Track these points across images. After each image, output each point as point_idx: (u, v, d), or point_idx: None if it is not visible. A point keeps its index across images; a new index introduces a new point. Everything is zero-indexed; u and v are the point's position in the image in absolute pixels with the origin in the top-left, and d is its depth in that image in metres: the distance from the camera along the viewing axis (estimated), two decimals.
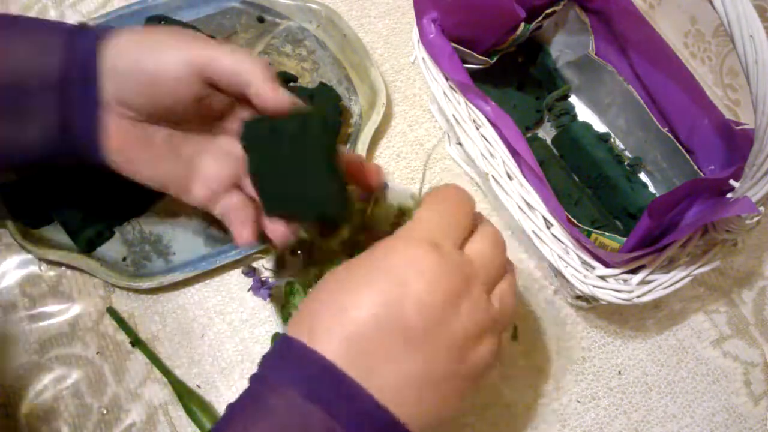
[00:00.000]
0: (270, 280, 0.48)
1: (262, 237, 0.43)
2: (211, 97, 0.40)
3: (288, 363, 0.30)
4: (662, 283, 0.43)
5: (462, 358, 0.31)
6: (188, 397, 0.47)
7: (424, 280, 0.30)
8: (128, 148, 0.40)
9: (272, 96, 0.38)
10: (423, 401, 0.30)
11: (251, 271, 0.50)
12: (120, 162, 0.41)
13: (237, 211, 0.43)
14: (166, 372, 0.48)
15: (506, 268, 0.35)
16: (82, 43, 0.38)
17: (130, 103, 0.39)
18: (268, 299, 0.48)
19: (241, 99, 0.41)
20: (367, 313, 0.30)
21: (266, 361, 0.32)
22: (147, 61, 0.38)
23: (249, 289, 0.48)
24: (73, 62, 0.38)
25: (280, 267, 0.47)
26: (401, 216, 0.40)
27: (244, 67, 0.38)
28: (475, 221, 0.35)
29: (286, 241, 0.41)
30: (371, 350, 0.29)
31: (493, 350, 0.32)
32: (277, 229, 0.41)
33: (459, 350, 0.31)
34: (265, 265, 0.51)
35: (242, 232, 0.42)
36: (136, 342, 0.49)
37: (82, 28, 0.40)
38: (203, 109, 0.40)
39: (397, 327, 0.30)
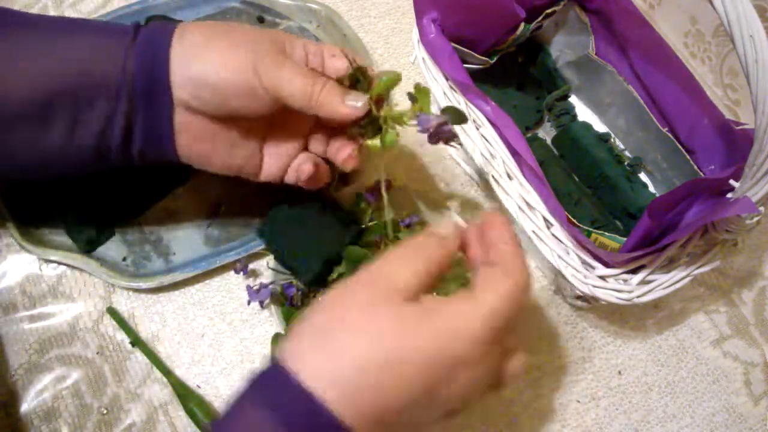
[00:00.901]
0: (264, 283, 0.48)
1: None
2: (280, 106, 0.40)
3: (280, 397, 0.29)
4: (662, 283, 0.43)
5: (448, 411, 0.31)
6: (188, 397, 0.47)
7: (466, 386, 0.30)
8: (200, 143, 0.41)
9: (346, 112, 0.39)
10: None
11: (244, 269, 0.50)
12: (193, 157, 0.42)
13: (307, 165, 0.44)
14: (166, 372, 0.48)
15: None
16: (148, 41, 0.39)
17: (201, 106, 0.39)
18: (267, 300, 0.48)
19: None
20: (398, 390, 0.29)
21: (257, 388, 0.31)
22: (219, 75, 0.38)
23: (248, 302, 0.48)
24: (139, 71, 0.38)
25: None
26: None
27: (312, 97, 0.38)
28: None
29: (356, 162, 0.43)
30: (367, 398, 0.28)
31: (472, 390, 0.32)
32: (344, 151, 0.42)
33: (451, 415, 0.32)
34: (269, 264, 0.51)
35: (344, 152, 0.43)
36: (136, 342, 0.49)
37: (139, 28, 0.40)
38: (274, 111, 0.41)
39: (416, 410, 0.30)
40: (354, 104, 0.39)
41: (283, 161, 0.44)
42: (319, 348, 0.29)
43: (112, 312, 0.50)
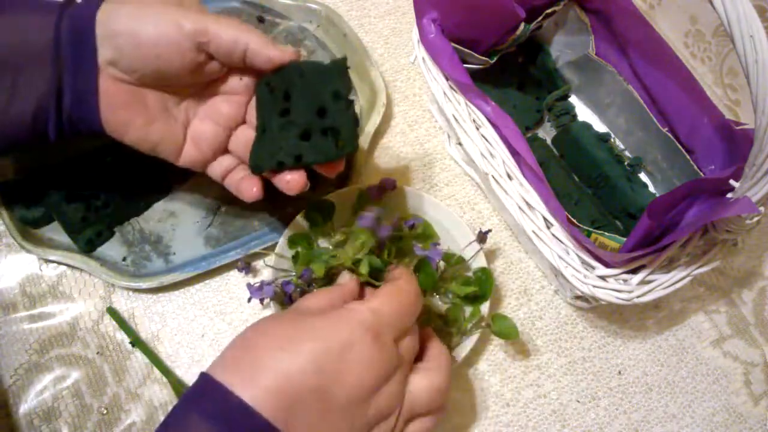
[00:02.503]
0: (266, 281, 0.48)
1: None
2: (205, 64, 0.41)
3: (208, 404, 0.31)
4: (662, 283, 0.43)
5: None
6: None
7: (361, 366, 0.33)
8: (121, 110, 0.41)
9: (277, 52, 0.40)
10: None
11: (246, 267, 0.50)
12: (112, 124, 0.41)
13: (235, 172, 0.45)
14: (166, 372, 0.48)
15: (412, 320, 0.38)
16: (77, 10, 0.39)
17: (125, 67, 0.40)
18: (268, 299, 0.48)
19: (234, 66, 0.42)
20: (303, 373, 0.32)
21: (187, 401, 0.32)
22: (145, 28, 0.38)
23: (249, 299, 0.48)
24: (68, 27, 0.39)
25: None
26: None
27: (242, 36, 0.39)
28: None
29: (304, 188, 0.42)
30: (294, 408, 0.31)
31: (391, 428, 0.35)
32: (294, 179, 0.42)
33: (368, 426, 0.34)
34: (266, 262, 0.51)
35: (250, 188, 0.44)
36: (136, 342, 0.49)
37: (72, 1, 0.40)
38: (197, 74, 0.41)
39: (324, 397, 0.32)
40: (283, 47, 0.40)
41: (204, 151, 0.44)
42: (243, 367, 0.32)
43: (112, 312, 0.50)
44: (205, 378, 0.32)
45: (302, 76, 0.40)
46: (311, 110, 0.40)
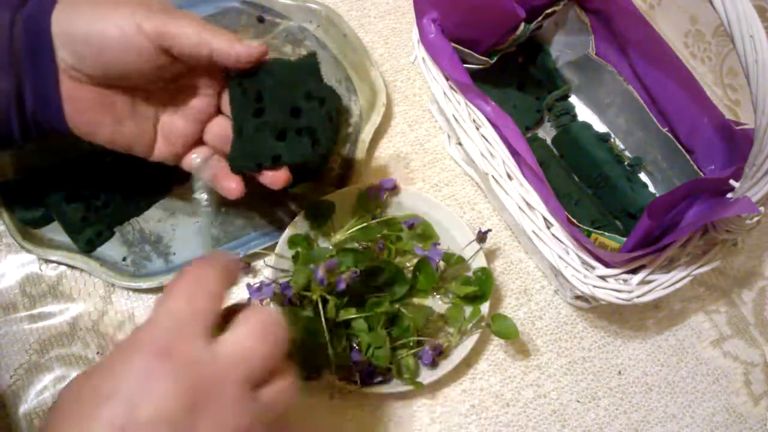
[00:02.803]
0: (265, 282, 0.48)
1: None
2: (170, 65, 0.39)
3: None
4: (662, 283, 0.43)
5: None
6: None
7: (154, 396, 0.26)
8: (87, 111, 0.40)
9: (243, 49, 0.38)
10: None
11: (246, 267, 0.50)
12: (80, 126, 0.40)
13: (213, 165, 0.44)
14: None
15: (278, 359, 0.30)
16: (30, 10, 0.37)
17: (88, 71, 0.38)
18: (267, 300, 0.48)
19: (201, 66, 0.41)
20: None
21: None
22: (105, 33, 0.37)
23: (248, 299, 0.48)
24: (22, 30, 0.37)
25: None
26: None
27: (205, 37, 0.37)
28: (236, 306, 0.32)
29: (287, 182, 0.41)
30: None
31: None
32: (276, 175, 0.41)
33: None
34: (266, 262, 0.51)
35: (230, 184, 0.43)
36: None
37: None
38: (162, 75, 0.40)
39: None
40: (249, 43, 0.38)
41: (175, 145, 0.43)
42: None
43: None
44: None
45: (273, 75, 0.40)
46: (284, 111, 0.40)
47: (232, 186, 0.43)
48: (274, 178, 0.41)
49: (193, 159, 0.44)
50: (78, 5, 0.38)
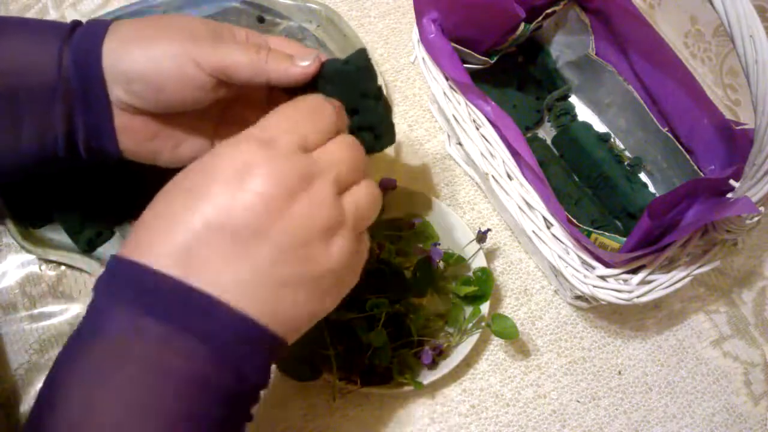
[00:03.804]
0: None
1: None
2: (226, 91, 0.39)
3: (120, 282, 0.29)
4: (662, 283, 0.43)
5: (307, 257, 0.30)
6: None
7: (253, 179, 0.29)
8: (144, 142, 0.40)
9: (299, 70, 0.38)
10: (277, 301, 0.30)
11: None
12: (138, 155, 0.40)
13: None
14: None
15: (364, 173, 0.34)
16: (79, 44, 0.37)
17: (144, 107, 0.38)
18: None
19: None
20: (196, 221, 0.29)
21: (98, 285, 0.30)
22: (162, 72, 0.36)
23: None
24: (71, 64, 0.37)
25: None
26: None
27: (261, 67, 0.37)
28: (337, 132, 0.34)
29: None
30: (205, 257, 0.29)
31: (346, 251, 0.31)
32: None
33: (302, 248, 0.30)
34: None
35: None
36: None
37: (76, 26, 0.39)
38: (218, 99, 0.39)
39: (228, 231, 0.29)
40: (303, 63, 0.37)
41: None
42: (153, 234, 0.30)
43: None
44: (116, 260, 0.30)
45: (328, 81, 0.40)
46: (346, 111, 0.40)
47: None
48: None
49: None
50: (128, 41, 0.37)
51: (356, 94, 0.40)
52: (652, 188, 0.55)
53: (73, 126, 0.39)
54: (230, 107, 0.43)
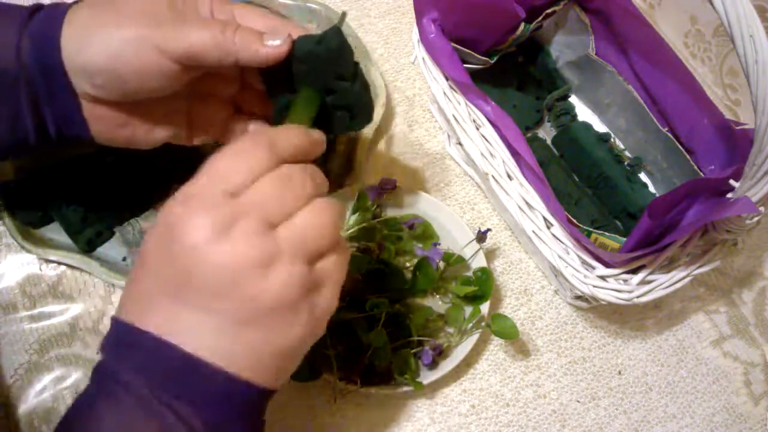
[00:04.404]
0: None
1: None
2: (194, 74, 0.38)
3: (121, 347, 0.30)
4: (662, 283, 0.43)
5: (241, 296, 0.29)
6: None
7: (173, 237, 0.29)
8: (116, 129, 0.39)
9: (269, 50, 0.36)
10: (229, 343, 0.29)
11: None
12: (113, 141, 0.40)
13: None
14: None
15: (305, 201, 0.31)
16: (37, 30, 0.36)
17: (110, 97, 0.37)
18: None
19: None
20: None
21: (105, 347, 0.31)
22: (126, 63, 0.35)
23: None
24: (31, 54, 0.35)
25: None
26: None
27: (226, 47, 0.35)
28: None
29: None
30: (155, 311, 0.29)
31: (288, 281, 0.29)
32: None
33: (232, 287, 0.29)
34: None
35: None
36: None
37: (36, 10, 0.37)
38: (187, 82, 0.38)
39: (163, 289, 0.29)
40: (273, 42, 0.36)
41: (217, 124, 0.43)
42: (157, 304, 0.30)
43: None
44: (116, 324, 0.30)
45: (301, 62, 0.38)
46: (320, 91, 0.40)
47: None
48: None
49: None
50: (86, 28, 0.35)
51: (330, 74, 0.39)
52: (652, 188, 0.55)
53: (41, 114, 0.38)
54: (202, 81, 0.41)
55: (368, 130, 0.55)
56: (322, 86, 0.39)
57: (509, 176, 0.45)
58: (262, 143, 0.31)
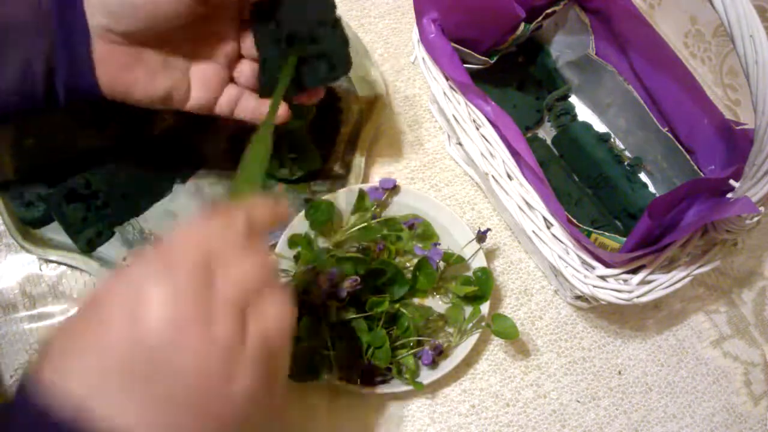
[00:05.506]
0: None
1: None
2: (203, 14, 0.40)
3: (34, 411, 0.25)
4: (662, 283, 0.43)
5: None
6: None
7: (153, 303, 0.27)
8: (122, 72, 0.40)
9: None
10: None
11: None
12: (115, 87, 0.40)
13: (244, 100, 0.45)
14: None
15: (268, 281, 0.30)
16: None
17: (122, 30, 0.39)
18: None
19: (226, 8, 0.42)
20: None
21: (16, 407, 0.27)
22: None
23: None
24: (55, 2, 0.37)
25: None
26: None
27: None
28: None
29: (287, 118, 0.44)
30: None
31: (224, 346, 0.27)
32: (303, 97, 0.44)
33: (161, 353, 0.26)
34: None
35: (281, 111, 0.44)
36: None
37: None
38: (192, 21, 0.40)
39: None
40: None
41: (211, 89, 0.44)
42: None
43: None
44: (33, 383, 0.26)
45: (289, 6, 0.42)
46: (302, 40, 0.42)
47: (279, 112, 0.43)
48: (304, 99, 0.45)
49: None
50: None
51: (313, 20, 0.42)
52: (652, 188, 0.55)
53: (53, 59, 0.38)
54: (201, 44, 0.43)
55: (368, 130, 0.55)
56: (305, 34, 0.42)
57: (509, 176, 0.45)
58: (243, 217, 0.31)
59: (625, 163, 0.55)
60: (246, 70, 0.45)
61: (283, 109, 0.44)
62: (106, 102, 0.41)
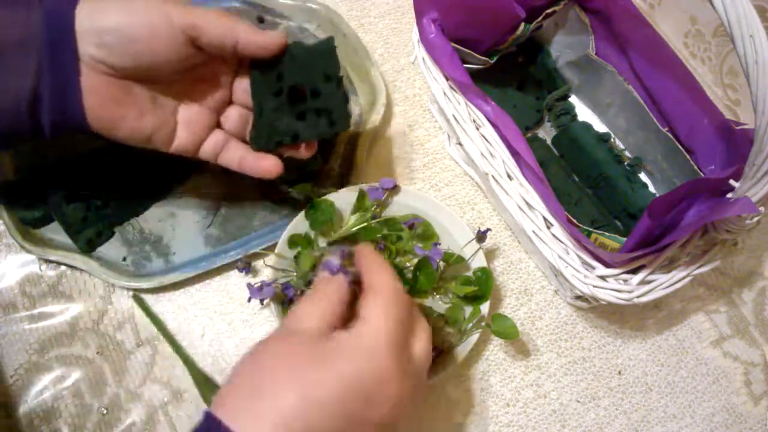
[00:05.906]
0: (266, 281, 0.48)
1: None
2: (196, 57, 0.40)
3: None
4: (662, 283, 0.43)
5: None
6: (206, 386, 0.47)
7: (390, 401, 0.32)
8: (110, 105, 0.40)
9: (267, 39, 0.40)
10: None
11: (246, 267, 0.50)
12: (102, 121, 0.40)
13: (229, 149, 0.45)
14: (185, 360, 0.49)
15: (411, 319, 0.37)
16: (52, 6, 0.37)
17: (113, 63, 0.38)
18: (268, 300, 0.48)
19: (226, 56, 0.42)
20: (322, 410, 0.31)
21: None
22: (136, 23, 0.38)
23: (249, 299, 0.48)
24: (42, 25, 0.37)
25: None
26: None
27: (230, 28, 0.39)
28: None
29: (279, 172, 0.44)
30: None
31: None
32: (297, 150, 0.45)
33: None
34: (266, 262, 0.51)
35: (266, 163, 0.44)
36: (161, 330, 0.49)
37: None
38: (185, 64, 0.41)
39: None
40: (273, 33, 0.40)
41: (196, 133, 0.44)
42: (250, 405, 0.30)
43: (138, 300, 0.50)
44: (209, 419, 0.30)
45: (293, 59, 0.42)
46: (304, 92, 0.43)
47: (270, 163, 0.44)
48: (297, 152, 0.45)
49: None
50: (102, 1, 0.38)
51: (320, 75, 0.42)
52: (652, 188, 0.55)
53: (38, 88, 0.37)
54: (192, 87, 0.43)
55: (368, 130, 0.55)
56: (309, 87, 0.42)
57: (509, 176, 0.45)
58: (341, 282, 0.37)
59: (625, 163, 0.55)
60: (234, 115, 0.45)
61: (272, 163, 0.44)
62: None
